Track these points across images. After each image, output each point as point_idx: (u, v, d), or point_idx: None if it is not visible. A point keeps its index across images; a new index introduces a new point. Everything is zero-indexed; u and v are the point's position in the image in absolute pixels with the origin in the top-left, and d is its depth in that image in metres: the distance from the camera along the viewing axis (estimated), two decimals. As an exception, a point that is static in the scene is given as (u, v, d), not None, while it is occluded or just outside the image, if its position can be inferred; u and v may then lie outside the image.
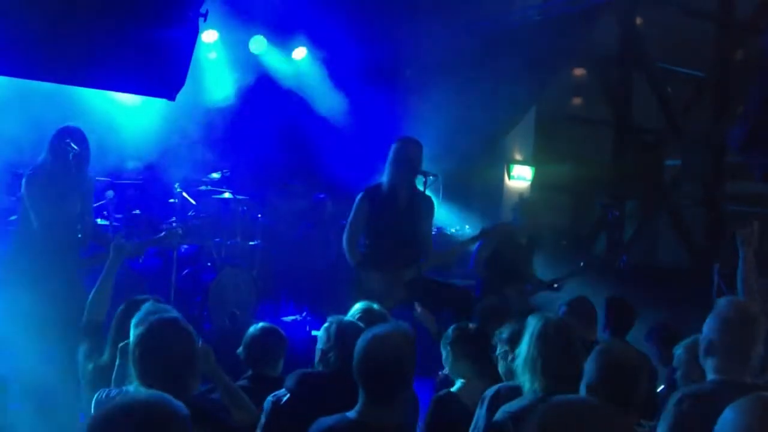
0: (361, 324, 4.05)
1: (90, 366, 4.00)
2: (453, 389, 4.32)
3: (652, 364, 5.26)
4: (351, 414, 3.21)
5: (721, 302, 3.57)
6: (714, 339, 3.46)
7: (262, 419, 3.87)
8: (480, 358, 4.37)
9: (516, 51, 10.30)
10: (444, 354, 4.51)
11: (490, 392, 3.84)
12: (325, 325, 4.06)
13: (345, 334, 3.89)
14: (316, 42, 9.78)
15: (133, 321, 3.27)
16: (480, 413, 3.81)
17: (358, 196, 6.25)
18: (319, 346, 4.03)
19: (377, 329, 3.31)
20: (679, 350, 4.39)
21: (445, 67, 9.98)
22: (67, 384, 4.63)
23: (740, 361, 3.41)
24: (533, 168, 13.34)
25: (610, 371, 3.21)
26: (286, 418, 3.74)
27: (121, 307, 3.95)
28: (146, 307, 3.35)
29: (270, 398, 3.91)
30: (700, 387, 3.45)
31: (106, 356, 3.93)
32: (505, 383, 3.97)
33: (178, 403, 2.12)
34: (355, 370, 3.21)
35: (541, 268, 7.39)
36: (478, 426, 3.78)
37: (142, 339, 3.10)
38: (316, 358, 4.05)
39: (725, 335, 3.43)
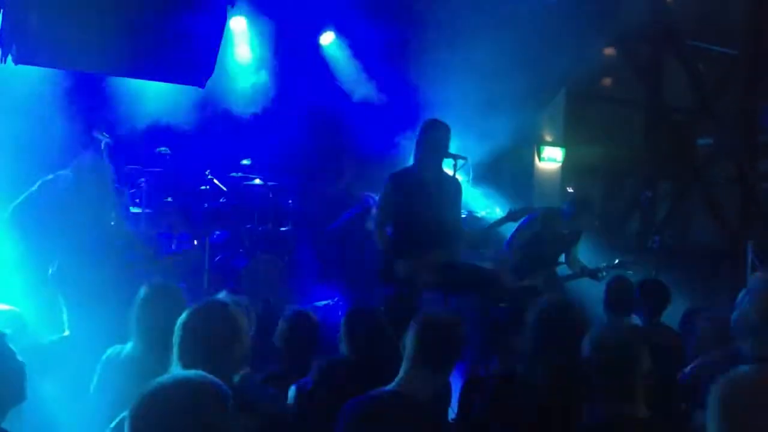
0: (372, 311, 4.12)
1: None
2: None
3: None
4: (388, 387, 3.30)
5: (756, 279, 3.42)
6: (752, 317, 3.31)
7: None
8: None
9: (544, 30, 10.20)
10: None
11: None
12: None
13: (352, 322, 3.98)
14: (343, 25, 9.76)
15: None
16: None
17: (386, 182, 6.18)
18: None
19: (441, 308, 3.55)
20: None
21: (471, 48, 9.91)
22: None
23: None
24: (563, 149, 13.23)
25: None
26: (312, 406, 3.74)
27: (142, 292, 3.74)
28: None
29: (294, 386, 3.90)
30: (743, 371, 3.35)
31: (129, 346, 3.69)
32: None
33: (221, 383, 2.07)
34: (410, 336, 3.34)
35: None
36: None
37: (184, 321, 3.05)
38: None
39: (764, 313, 3.28)
